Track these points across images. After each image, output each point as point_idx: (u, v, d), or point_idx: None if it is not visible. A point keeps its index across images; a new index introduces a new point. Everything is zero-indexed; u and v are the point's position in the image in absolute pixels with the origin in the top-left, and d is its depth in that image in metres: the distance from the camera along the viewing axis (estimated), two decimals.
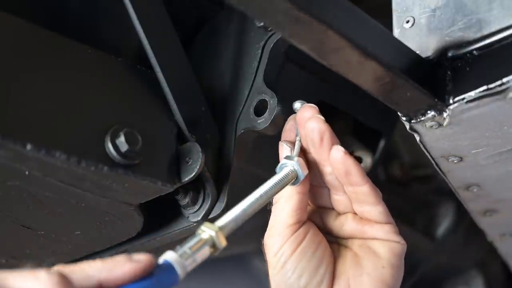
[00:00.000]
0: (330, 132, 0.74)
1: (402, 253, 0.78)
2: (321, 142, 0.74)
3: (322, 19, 0.59)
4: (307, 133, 0.74)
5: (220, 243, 0.64)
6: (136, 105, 0.82)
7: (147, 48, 0.81)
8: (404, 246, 0.78)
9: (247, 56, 0.88)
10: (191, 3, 0.99)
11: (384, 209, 0.77)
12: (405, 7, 0.79)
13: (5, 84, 0.70)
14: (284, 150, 0.77)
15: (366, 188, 0.75)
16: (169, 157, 0.81)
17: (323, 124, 0.74)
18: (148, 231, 0.91)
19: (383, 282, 0.75)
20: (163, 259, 0.60)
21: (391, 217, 0.78)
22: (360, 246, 0.77)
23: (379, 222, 0.77)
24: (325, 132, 0.73)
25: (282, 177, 0.73)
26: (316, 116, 0.74)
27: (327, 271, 0.76)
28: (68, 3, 0.91)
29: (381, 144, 1.12)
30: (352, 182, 0.74)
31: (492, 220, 1.00)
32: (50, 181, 0.74)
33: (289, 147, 0.77)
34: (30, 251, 0.94)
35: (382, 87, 0.70)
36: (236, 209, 0.68)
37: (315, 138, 0.74)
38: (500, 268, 1.57)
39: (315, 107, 0.76)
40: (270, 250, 0.77)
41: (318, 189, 0.80)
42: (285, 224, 0.76)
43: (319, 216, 0.81)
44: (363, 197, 0.75)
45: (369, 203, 0.76)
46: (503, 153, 0.80)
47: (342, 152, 0.73)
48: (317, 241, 0.77)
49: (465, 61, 0.74)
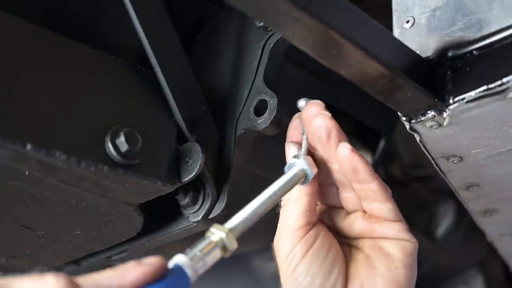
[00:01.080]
0: (337, 129, 0.72)
1: (414, 252, 0.76)
2: (328, 139, 0.72)
3: (322, 19, 0.59)
4: (313, 130, 0.73)
5: (231, 245, 0.63)
6: (136, 105, 0.82)
7: (147, 48, 0.81)
8: (415, 244, 0.76)
9: (247, 56, 0.88)
10: (191, 3, 0.99)
11: (394, 206, 0.75)
12: (405, 7, 0.79)
13: (5, 84, 0.70)
14: (291, 150, 0.76)
15: (374, 185, 0.73)
16: (169, 157, 0.81)
17: (330, 121, 0.72)
18: (148, 231, 0.91)
19: (397, 283, 0.73)
20: (173, 262, 0.59)
21: (401, 215, 0.76)
22: (371, 246, 0.76)
23: (388, 220, 0.75)
24: (332, 128, 0.72)
25: (291, 176, 0.72)
26: (322, 113, 0.73)
27: (340, 274, 0.74)
28: (68, 3, 0.91)
29: (381, 144, 1.12)
30: (360, 179, 0.73)
31: (492, 220, 1.00)
32: (50, 181, 0.74)
33: (296, 147, 0.76)
34: (30, 251, 0.94)
35: (382, 87, 0.70)
36: (245, 210, 0.67)
37: (322, 135, 0.72)
38: (500, 268, 1.57)
39: (321, 104, 0.74)
40: (280, 254, 0.75)
41: (326, 187, 0.78)
42: (295, 227, 0.74)
43: (328, 215, 0.79)
44: (372, 194, 0.74)
45: (378, 201, 0.74)
46: (503, 153, 0.80)
47: (349, 149, 0.71)
48: (328, 243, 0.75)
49: (465, 61, 0.74)
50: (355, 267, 0.75)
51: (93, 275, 0.56)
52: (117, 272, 0.57)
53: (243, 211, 0.67)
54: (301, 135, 0.76)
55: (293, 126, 0.77)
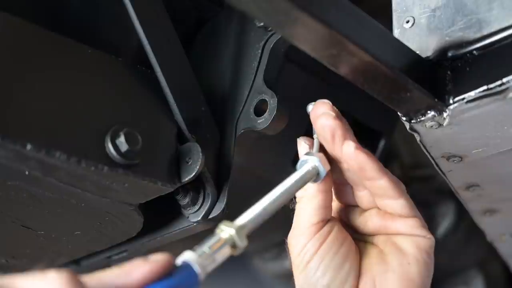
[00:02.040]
0: (342, 128, 0.71)
1: (430, 248, 0.75)
2: (332, 139, 0.71)
3: (322, 19, 0.59)
4: (318, 131, 0.73)
5: (241, 242, 0.61)
6: (136, 105, 0.82)
7: (147, 48, 0.81)
8: (431, 240, 0.75)
9: (247, 56, 0.88)
10: (191, 3, 0.99)
11: (407, 202, 0.74)
12: (405, 7, 0.79)
13: (5, 84, 0.70)
14: (302, 147, 0.75)
15: (384, 181, 0.72)
16: (169, 157, 0.81)
17: (334, 121, 0.71)
18: (148, 231, 0.91)
19: (409, 279, 0.72)
20: (181, 259, 0.57)
21: (417, 210, 0.75)
22: (385, 242, 0.75)
23: (402, 216, 0.74)
24: (336, 128, 0.71)
25: (303, 173, 0.70)
26: (327, 112, 0.72)
27: (352, 269, 0.73)
28: (68, 3, 0.91)
29: (381, 144, 1.12)
30: (368, 176, 0.72)
31: (492, 220, 0.99)
32: (50, 181, 0.74)
33: (307, 144, 0.75)
34: (30, 251, 0.94)
35: (382, 87, 0.70)
36: (256, 207, 0.65)
37: (327, 135, 0.71)
38: (500, 268, 1.57)
39: (327, 103, 0.73)
40: (293, 250, 0.75)
41: (341, 186, 0.78)
42: (309, 223, 0.74)
43: (345, 213, 0.79)
44: (382, 191, 0.73)
45: (390, 197, 0.73)
46: (503, 153, 0.80)
47: (353, 147, 0.71)
48: (341, 238, 0.75)
49: (465, 61, 0.74)
50: (368, 262, 0.75)
51: (98, 273, 0.55)
52: (123, 270, 0.55)
53: (253, 208, 0.65)
54: (313, 134, 0.75)
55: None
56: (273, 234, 1.19)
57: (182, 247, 0.62)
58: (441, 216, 1.41)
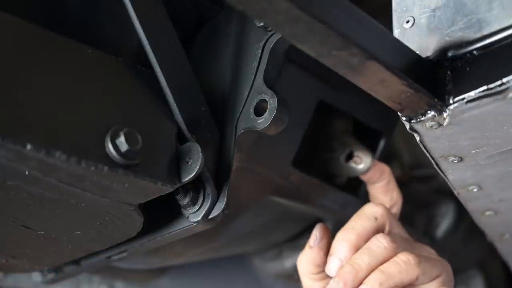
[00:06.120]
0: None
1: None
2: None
3: (322, 19, 0.59)
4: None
5: None
6: (136, 105, 0.82)
7: (147, 48, 0.81)
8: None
9: (247, 56, 0.88)
10: (191, 3, 0.99)
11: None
12: (405, 7, 0.79)
13: (5, 84, 0.70)
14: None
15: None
16: (169, 157, 0.81)
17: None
18: (148, 231, 0.91)
19: None
20: None
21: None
22: None
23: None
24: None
25: None
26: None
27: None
28: (68, 3, 0.91)
29: (381, 144, 1.12)
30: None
31: (492, 220, 1.00)
32: (50, 181, 0.74)
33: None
34: (30, 251, 0.94)
35: (382, 87, 0.70)
36: None
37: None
38: (500, 268, 1.57)
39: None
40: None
41: None
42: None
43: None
44: None
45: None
46: (503, 153, 0.80)
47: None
48: None
49: (465, 61, 0.74)
50: None
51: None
52: None
53: None
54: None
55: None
56: (272, 234, 1.20)
57: (182, 247, 0.62)
58: (441, 216, 1.41)
